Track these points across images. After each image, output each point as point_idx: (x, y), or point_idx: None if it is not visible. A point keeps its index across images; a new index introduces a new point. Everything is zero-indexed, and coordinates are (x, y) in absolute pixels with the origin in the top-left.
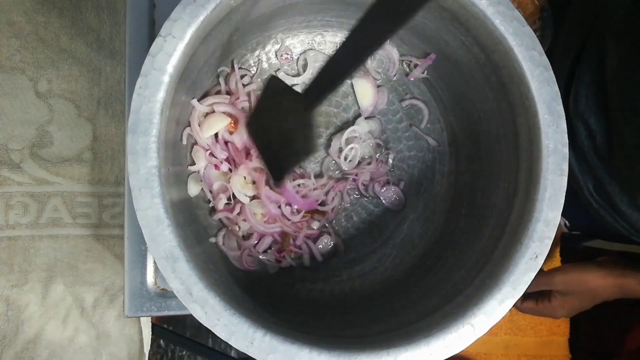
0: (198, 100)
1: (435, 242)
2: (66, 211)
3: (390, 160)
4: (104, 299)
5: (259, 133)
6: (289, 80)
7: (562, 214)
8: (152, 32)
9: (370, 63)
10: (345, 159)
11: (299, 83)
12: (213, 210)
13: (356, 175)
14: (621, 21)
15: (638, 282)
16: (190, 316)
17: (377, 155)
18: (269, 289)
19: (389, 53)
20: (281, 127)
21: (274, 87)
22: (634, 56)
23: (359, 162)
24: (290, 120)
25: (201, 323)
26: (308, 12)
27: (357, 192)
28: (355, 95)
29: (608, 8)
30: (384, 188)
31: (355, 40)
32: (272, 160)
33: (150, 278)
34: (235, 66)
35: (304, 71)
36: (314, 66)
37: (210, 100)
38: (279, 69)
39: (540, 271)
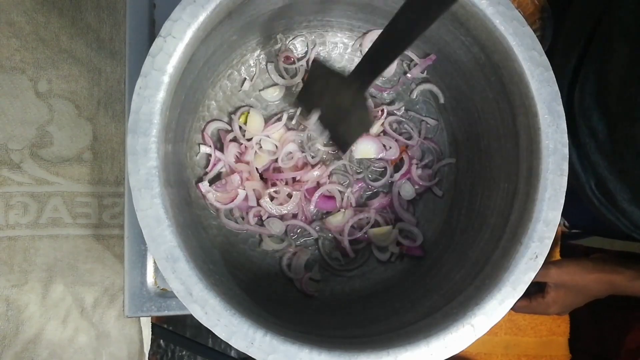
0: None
1: (435, 242)
2: (66, 211)
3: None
4: (104, 299)
5: (310, 108)
6: (280, 81)
7: (562, 214)
8: (152, 32)
9: None
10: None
11: (281, 84)
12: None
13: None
14: (632, 21)
15: (628, 279)
16: (190, 316)
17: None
18: (269, 289)
19: None
20: (332, 107)
21: (318, 71)
22: None
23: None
24: (340, 99)
25: (201, 323)
26: (308, 12)
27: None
28: None
29: (617, 9)
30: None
31: (398, 24)
32: (333, 131)
33: (150, 278)
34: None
35: (292, 78)
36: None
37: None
38: (268, 64)
39: None
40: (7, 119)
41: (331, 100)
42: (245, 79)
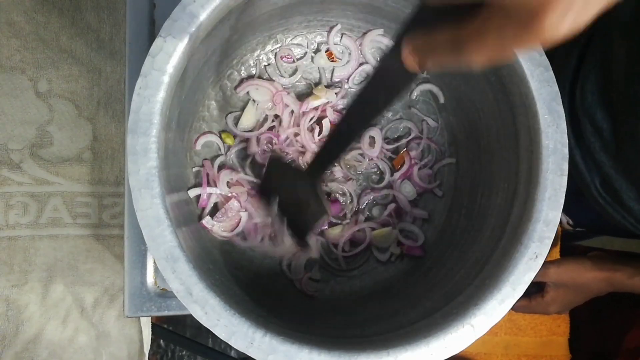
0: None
1: (435, 242)
2: (66, 211)
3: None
4: (104, 299)
5: (271, 201)
6: (283, 80)
7: (567, 212)
8: (152, 32)
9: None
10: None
11: (287, 84)
12: None
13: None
14: (629, 17)
15: (627, 276)
16: (190, 316)
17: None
18: (269, 289)
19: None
20: (290, 197)
21: (276, 165)
22: None
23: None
24: (297, 191)
25: (201, 323)
26: (308, 12)
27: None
28: None
29: (615, 6)
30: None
31: (350, 115)
32: (292, 225)
33: (150, 278)
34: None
35: (291, 76)
36: (303, 71)
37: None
38: (267, 64)
39: None
40: (7, 119)
41: (289, 190)
42: (245, 79)
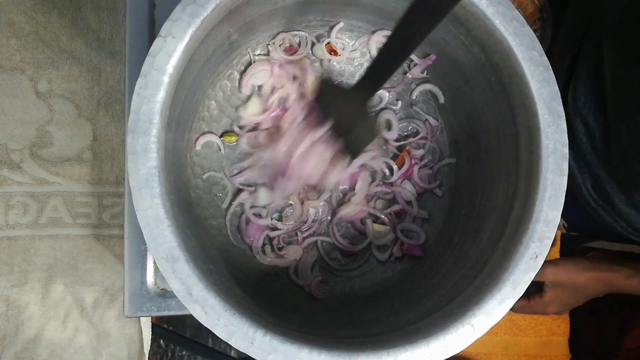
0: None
1: (435, 242)
2: (66, 211)
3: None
4: (104, 299)
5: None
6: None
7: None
8: (152, 32)
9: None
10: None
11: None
12: None
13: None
14: (617, 24)
15: (624, 277)
16: (190, 316)
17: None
18: (269, 289)
19: None
20: (342, 116)
21: (326, 87)
22: (628, 57)
23: None
24: (347, 110)
25: (201, 323)
26: (308, 12)
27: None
28: None
29: (606, 11)
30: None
31: (398, 35)
32: (345, 139)
33: (150, 278)
34: None
35: None
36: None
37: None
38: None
39: None
40: (7, 119)
41: (340, 112)
42: (243, 75)
